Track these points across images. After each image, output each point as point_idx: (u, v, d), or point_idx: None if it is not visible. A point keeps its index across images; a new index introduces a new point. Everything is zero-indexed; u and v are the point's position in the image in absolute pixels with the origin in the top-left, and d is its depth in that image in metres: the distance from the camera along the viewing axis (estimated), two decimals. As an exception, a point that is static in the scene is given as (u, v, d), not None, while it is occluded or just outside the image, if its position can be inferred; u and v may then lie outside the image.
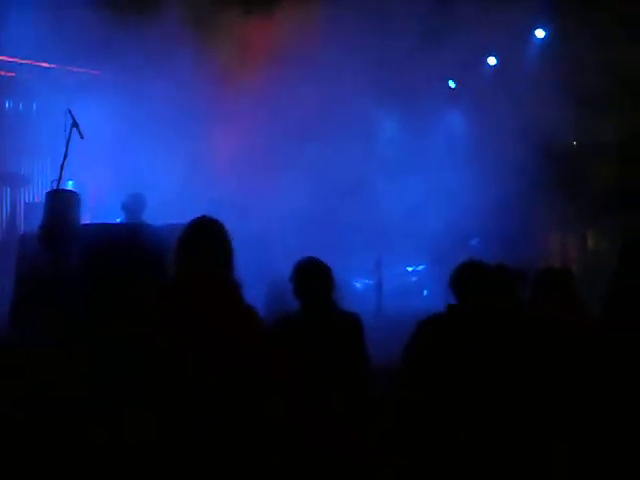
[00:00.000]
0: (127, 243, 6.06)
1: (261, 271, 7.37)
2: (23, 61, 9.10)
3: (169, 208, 7.61)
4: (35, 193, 8.47)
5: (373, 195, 9.34)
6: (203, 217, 3.60)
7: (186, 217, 3.83)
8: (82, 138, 6.50)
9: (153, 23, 8.36)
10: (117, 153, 9.10)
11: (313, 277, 4.18)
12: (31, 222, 7.83)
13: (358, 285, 9.14)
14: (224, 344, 3.27)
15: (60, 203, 6.25)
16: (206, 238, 3.49)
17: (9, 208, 9.33)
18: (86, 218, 7.69)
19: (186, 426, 3.20)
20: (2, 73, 9.40)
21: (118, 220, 7.70)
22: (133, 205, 7.53)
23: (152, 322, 3.35)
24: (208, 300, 3.34)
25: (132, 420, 3.24)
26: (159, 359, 3.27)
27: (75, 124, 6.42)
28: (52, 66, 9.16)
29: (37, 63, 9.09)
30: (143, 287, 4.36)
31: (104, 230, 6.66)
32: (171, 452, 3.16)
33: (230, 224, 3.65)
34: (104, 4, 8.37)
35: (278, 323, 4.08)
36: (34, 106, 9.82)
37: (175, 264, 3.49)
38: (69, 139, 6.33)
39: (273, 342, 3.58)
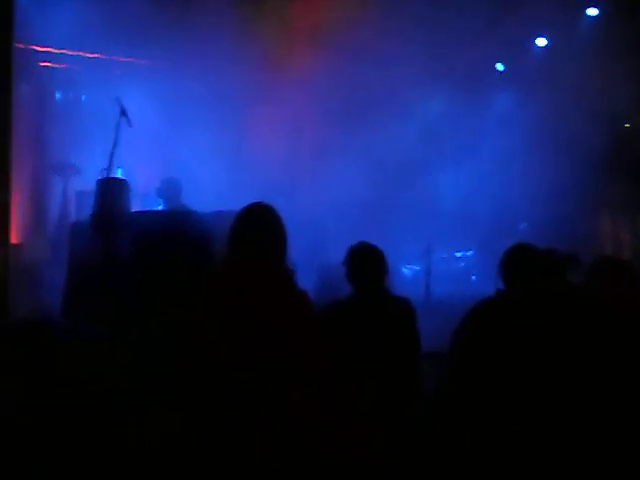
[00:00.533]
0: (177, 230, 6.09)
1: (312, 256, 7.39)
2: (71, 52, 9.20)
3: (216, 195, 7.65)
4: (86, 182, 8.55)
5: (424, 181, 9.26)
6: (256, 204, 3.59)
7: (233, 204, 3.83)
8: (130, 126, 6.53)
9: (196, 10, 8.39)
10: (163, 141, 9.18)
11: (367, 262, 4.17)
12: (83, 210, 7.94)
13: (406, 271, 9.08)
14: (274, 331, 3.27)
15: (110, 191, 6.31)
16: (258, 225, 3.47)
17: (61, 197, 9.46)
18: (135, 206, 7.76)
19: (230, 414, 3.20)
20: (52, 65, 9.51)
21: (159, 207, 7.76)
22: (168, 191, 7.59)
23: (201, 310, 3.35)
24: (258, 287, 3.33)
25: (181, 408, 3.26)
26: (208, 347, 3.28)
27: (123, 112, 6.46)
28: (99, 56, 9.26)
29: (85, 54, 9.20)
30: (192, 274, 4.39)
31: (154, 218, 6.72)
32: (216, 440, 3.18)
33: (279, 209, 3.64)
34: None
35: (330, 308, 4.07)
36: (83, 96, 9.93)
37: (227, 251, 3.49)
38: (118, 127, 6.36)
39: (324, 327, 3.56)
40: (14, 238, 8.66)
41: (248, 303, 3.29)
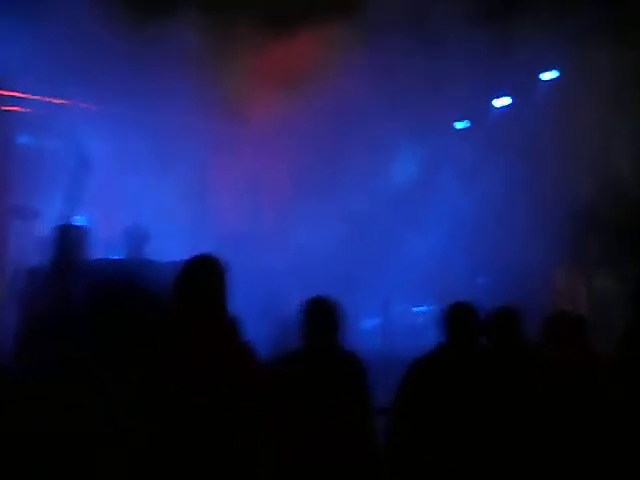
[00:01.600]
0: (133, 279, 6.06)
1: (270, 307, 7.38)
2: (35, 97, 9.20)
3: (178, 244, 7.62)
4: (47, 227, 8.48)
5: (379, 236, 9.33)
6: (200, 255, 3.63)
7: (193, 253, 3.85)
8: (90, 173, 6.53)
9: (162, 57, 8.46)
10: (127, 189, 9.16)
11: (319, 314, 4.18)
12: (41, 256, 7.85)
13: (366, 324, 9.10)
14: (222, 380, 3.27)
15: (67, 237, 6.27)
16: (203, 277, 3.50)
17: (20, 241, 9.37)
18: (98, 254, 7.70)
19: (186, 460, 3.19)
20: (16, 109, 9.50)
21: (118, 256, 7.72)
22: (133, 238, 7.55)
23: (150, 363, 3.35)
24: (206, 338, 3.36)
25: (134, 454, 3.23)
26: (161, 396, 3.27)
27: (83, 158, 6.46)
28: (64, 102, 9.25)
29: (49, 99, 9.19)
30: (147, 324, 4.37)
31: (111, 266, 6.69)
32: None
33: (237, 260, 3.66)
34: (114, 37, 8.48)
35: (280, 358, 4.07)
36: (46, 141, 9.91)
37: (173, 302, 3.51)
38: (77, 173, 6.36)
39: (272, 377, 3.58)
40: (-32, 281, 8.56)
41: (197, 352, 3.31)
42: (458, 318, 4.27)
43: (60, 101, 9.29)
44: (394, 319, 8.26)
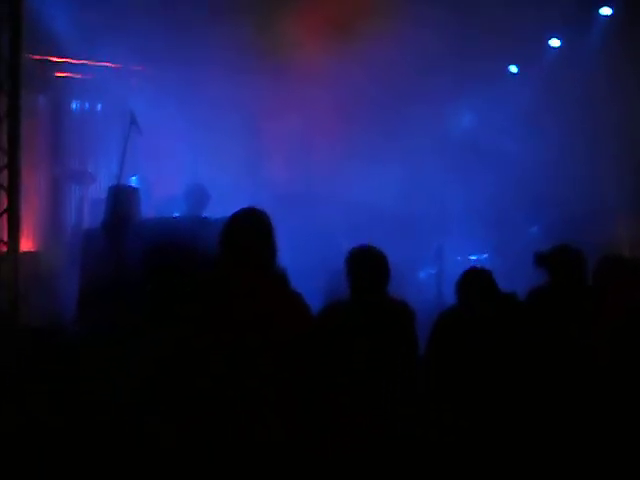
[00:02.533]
0: (187, 237, 6.12)
1: (323, 262, 7.39)
2: (86, 62, 9.29)
3: (233, 202, 7.65)
4: (102, 190, 8.65)
5: (435, 186, 9.22)
6: (247, 209, 3.62)
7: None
8: (141, 134, 6.59)
9: (208, 18, 8.44)
10: (179, 148, 9.23)
11: (364, 265, 4.17)
12: (97, 218, 8.02)
13: (422, 275, 9.03)
14: (270, 330, 3.28)
15: (120, 198, 6.38)
16: (248, 229, 3.50)
17: (77, 205, 9.58)
18: (151, 212, 7.82)
19: (229, 422, 3.21)
20: (67, 75, 9.62)
21: (176, 214, 7.80)
22: (191, 196, 7.62)
23: (196, 319, 3.37)
24: (252, 289, 3.36)
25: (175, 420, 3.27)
26: (203, 354, 3.30)
27: (134, 121, 6.52)
28: (114, 65, 9.33)
29: (100, 63, 9.28)
30: (196, 280, 4.40)
31: (164, 224, 6.76)
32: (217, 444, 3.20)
33: (292, 215, 3.66)
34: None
35: (326, 310, 4.08)
36: (99, 106, 10.03)
37: (220, 254, 3.52)
38: (127, 136, 6.44)
39: (320, 328, 3.58)
40: (31, 245, 8.80)
41: (244, 309, 3.32)
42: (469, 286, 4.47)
43: (111, 65, 9.38)
44: (449, 268, 8.18)
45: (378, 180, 8.80)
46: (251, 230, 3.49)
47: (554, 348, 4.09)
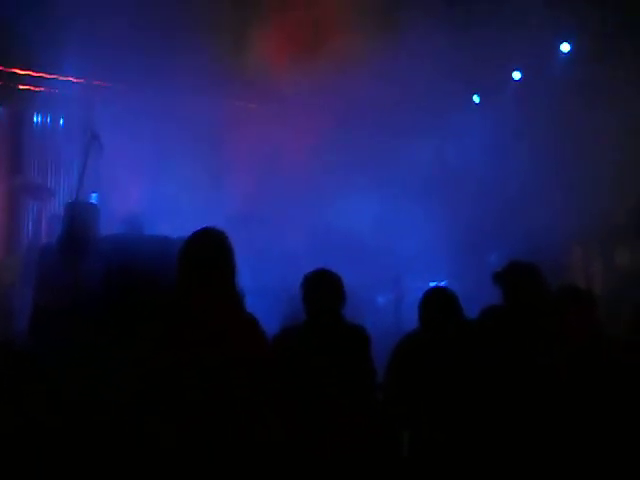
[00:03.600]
0: (147, 255, 6.06)
1: (283, 284, 7.37)
2: (50, 76, 9.21)
3: (193, 222, 7.60)
4: (61, 205, 8.55)
5: (399, 214, 9.27)
6: (207, 228, 3.60)
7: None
8: (102, 151, 6.53)
9: (179, 36, 8.43)
10: (141, 166, 9.16)
11: (319, 287, 4.17)
12: (53, 233, 7.91)
13: (380, 300, 9.08)
14: (224, 351, 3.26)
15: (77, 214, 6.29)
16: (206, 249, 3.48)
17: (35, 220, 9.45)
18: (111, 230, 7.73)
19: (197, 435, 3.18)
20: (31, 88, 9.52)
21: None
22: (134, 220, 7.57)
23: (157, 339, 3.34)
24: (207, 309, 3.34)
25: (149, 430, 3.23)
26: (166, 377, 3.27)
27: (95, 137, 6.46)
28: (78, 80, 9.26)
29: (64, 77, 9.20)
30: (155, 299, 4.36)
31: (125, 242, 6.69)
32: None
33: (252, 238, 3.65)
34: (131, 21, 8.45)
35: (280, 334, 4.07)
36: (61, 120, 9.93)
37: (179, 275, 3.49)
38: (87, 151, 6.38)
39: (276, 351, 3.57)
40: (-14, 258, 8.65)
41: (203, 330, 3.29)
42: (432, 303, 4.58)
43: (76, 79, 9.31)
44: (408, 294, 8.22)
45: (344, 206, 8.83)
46: (209, 250, 3.48)
47: (512, 366, 4.11)
